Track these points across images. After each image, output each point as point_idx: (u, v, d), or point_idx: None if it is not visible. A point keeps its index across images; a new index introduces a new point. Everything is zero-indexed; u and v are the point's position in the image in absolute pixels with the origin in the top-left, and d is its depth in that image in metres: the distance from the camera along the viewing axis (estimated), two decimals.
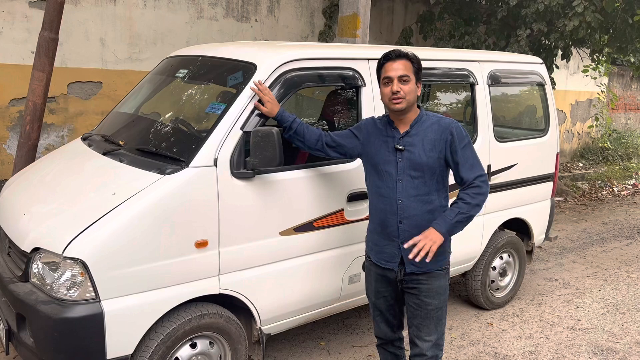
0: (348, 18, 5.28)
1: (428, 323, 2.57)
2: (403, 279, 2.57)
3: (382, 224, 2.58)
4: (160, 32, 5.66)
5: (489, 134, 3.85)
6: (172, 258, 2.51)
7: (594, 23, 6.01)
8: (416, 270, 2.53)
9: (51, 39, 3.94)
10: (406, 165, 2.49)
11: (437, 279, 2.56)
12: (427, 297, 2.55)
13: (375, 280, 2.69)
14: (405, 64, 2.47)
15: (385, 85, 2.50)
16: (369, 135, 2.64)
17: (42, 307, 2.34)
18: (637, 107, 13.10)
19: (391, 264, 2.58)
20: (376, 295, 2.71)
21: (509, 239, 4.24)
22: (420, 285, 2.55)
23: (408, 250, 2.47)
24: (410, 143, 2.50)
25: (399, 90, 2.43)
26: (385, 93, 2.50)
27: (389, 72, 2.47)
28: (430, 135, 2.50)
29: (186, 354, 2.68)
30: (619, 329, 4.13)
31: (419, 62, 2.52)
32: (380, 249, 2.61)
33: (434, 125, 2.51)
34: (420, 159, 2.47)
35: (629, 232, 6.82)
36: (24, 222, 2.64)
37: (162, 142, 2.91)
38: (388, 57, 2.50)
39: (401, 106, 2.46)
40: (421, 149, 2.48)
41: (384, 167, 2.54)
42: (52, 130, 5.26)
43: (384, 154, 2.55)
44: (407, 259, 2.50)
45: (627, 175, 10.22)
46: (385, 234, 2.57)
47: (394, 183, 2.51)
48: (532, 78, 4.36)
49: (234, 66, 2.97)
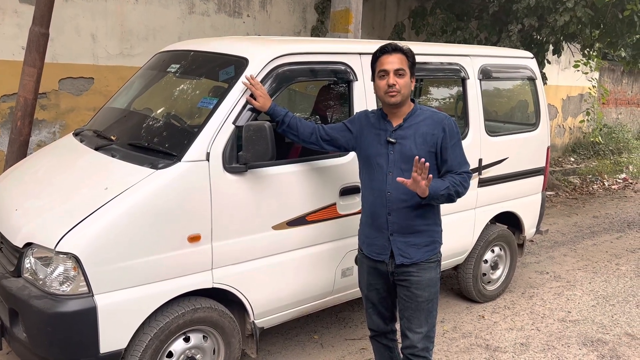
0: (340, 13, 5.28)
1: (419, 315, 2.59)
2: (394, 271, 2.60)
3: (372, 216, 2.61)
4: (152, 28, 5.64)
5: (480, 128, 3.88)
6: (165, 252, 2.52)
7: (585, 18, 6.05)
8: (405, 262, 2.55)
9: (42, 34, 3.92)
10: (397, 157, 2.51)
11: (427, 271, 2.58)
12: (417, 289, 2.57)
13: (368, 273, 2.71)
14: (401, 57, 2.49)
15: (380, 78, 2.51)
16: (362, 128, 2.66)
17: (35, 302, 2.35)
18: (628, 101, 13.20)
19: (382, 256, 2.61)
20: (368, 287, 2.74)
21: (500, 232, 4.27)
22: (411, 277, 2.57)
23: (398, 242, 2.54)
24: (402, 136, 2.53)
25: (394, 84, 2.45)
26: (380, 86, 2.51)
27: (385, 65, 2.48)
28: (422, 129, 2.52)
29: (180, 348, 2.69)
30: (608, 320, 4.18)
31: (414, 56, 2.55)
32: (372, 241, 2.64)
33: (427, 120, 2.54)
34: (412, 152, 2.48)
35: (619, 225, 6.88)
36: (16, 217, 2.63)
37: (155, 137, 2.91)
38: (384, 50, 2.51)
39: (396, 99, 2.48)
40: (412, 142, 2.50)
41: (375, 160, 2.56)
42: (44, 127, 5.23)
43: (376, 146, 2.57)
44: (397, 250, 2.54)
45: (617, 169, 10.30)
46: (376, 226, 2.60)
47: (384, 175, 2.53)
48: (523, 72, 4.39)
49: (225, 61, 2.97)
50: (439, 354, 3.57)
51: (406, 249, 2.55)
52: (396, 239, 2.55)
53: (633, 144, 11.94)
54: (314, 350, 3.56)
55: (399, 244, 2.55)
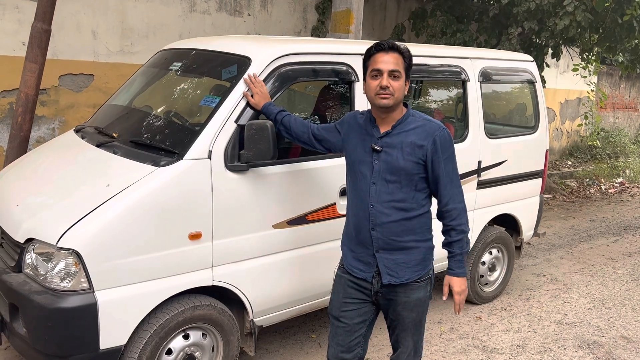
0: (341, 14, 5.29)
1: (405, 335, 2.43)
2: (379, 291, 2.37)
3: (356, 228, 2.37)
4: (152, 25, 5.64)
5: (479, 131, 3.89)
6: (166, 249, 2.52)
7: (584, 22, 6.08)
8: (394, 282, 2.32)
9: (44, 30, 3.92)
10: (382, 167, 2.27)
11: (416, 292, 2.36)
12: (404, 310, 2.37)
13: (345, 291, 2.41)
14: (397, 57, 2.24)
15: (372, 78, 2.25)
16: (350, 130, 2.44)
17: (35, 297, 2.35)
18: (626, 106, 13.25)
19: (366, 274, 2.36)
20: (343, 306, 2.41)
21: (498, 234, 4.29)
22: (398, 297, 2.35)
23: (384, 259, 2.31)
24: (389, 144, 2.28)
25: (388, 86, 2.20)
26: (371, 86, 2.25)
27: (379, 64, 2.22)
28: (411, 138, 2.26)
29: (179, 345, 2.70)
30: (604, 323, 4.20)
31: (411, 57, 2.30)
32: (356, 256, 2.39)
33: (419, 129, 2.28)
34: (398, 163, 2.25)
35: (616, 229, 6.92)
36: (17, 213, 2.64)
37: (157, 135, 2.92)
38: (380, 47, 2.25)
39: (387, 102, 2.22)
40: (399, 151, 2.26)
41: (359, 168, 2.34)
42: (43, 123, 5.22)
43: (360, 153, 2.34)
44: (384, 269, 2.31)
45: (614, 173, 10.34)
46: (359, 241, 2.37)
47: (368, 186, 2.30)
48: (522, 76, 4.41)
49: (228, 59, 2.98)
50: (435, 354, 3.59)
51: (394, 268, 2.31)
52: (382, 255, 2.31)
53: (630, 148, 11.99)
54: (311, 349, 3.57)
55: (386, 262, 2.31)
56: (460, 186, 2.36)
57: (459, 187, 2.35)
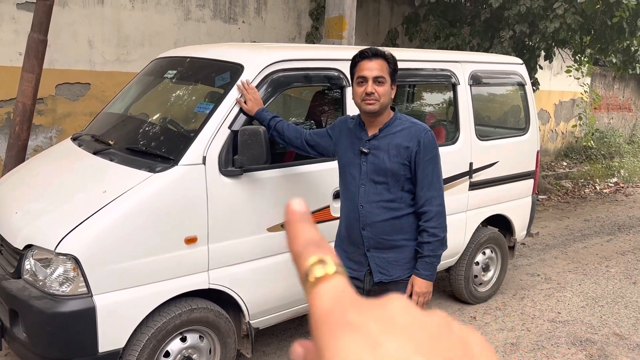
0: (334, 20, 5.36)
1: None
2: (371, 290, 2.46)
3: (347, 229, 2.49)
4: (148, 34, 5.71)
5: (470, 133, 3.96)
6: (163, 254, 2.58)
7: (574, 25, 6.16)
8: (384, 279, 2.43)
9: (40, 40, 3.98)
10: (370, 169, 2.37)
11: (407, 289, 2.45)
12: None
13: None
14: (381, 64, 2.30)
15: (358, 84, 2.33)
16: (340, 134, 2.53)
17: (35, 303, 2.40)
18: (620, 106, 13.34)
19: (358, 273, 2.47)
20: None
21: (491, 235, 4.35)
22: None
23: (375, 257, 2.42)
24: (376, 147, 2.37)
25: (373, 92, 2.27)
26: (357, 93, 2.34)
27: (363, 72, 2.30)
28: (397, 140, 2.35)
29: (176, 348, 2.75)
30: (597, 321, 4.26)
31: (396, 62, 2.37)
32: (348, 256, 2.51)
33: (404, 131, 2.37)
34: (384, 164, 2.35)
35: (610, 228, 6.98)
36: (16, 220, 2.69)
37: (152, 141, 2.98)
38: (364, 55, 2.32)
39: (373, 107, 2.30)
40: (386, 153, 2.35)
41: (349, 170, 2.45)
42: (40, 132, 5.28)
43: (350, 156, 2.44)
44: (375, 267, 2.42)
45: (609, 173, 10.41)
46: (351, 240, 2.49)
47: (357, 188, 2.40)
48: (512, 78, 4.48)
49: (221, 67, 3.05)
50: None
51: (385, 266, 2.42)
52: (374, 254, 2.43)
53: (625, 149, 12.07)
54: None
55: (377, 260, 2.42)
56: (440, 189, 2.41)
57: (438, 190, 2.40)
